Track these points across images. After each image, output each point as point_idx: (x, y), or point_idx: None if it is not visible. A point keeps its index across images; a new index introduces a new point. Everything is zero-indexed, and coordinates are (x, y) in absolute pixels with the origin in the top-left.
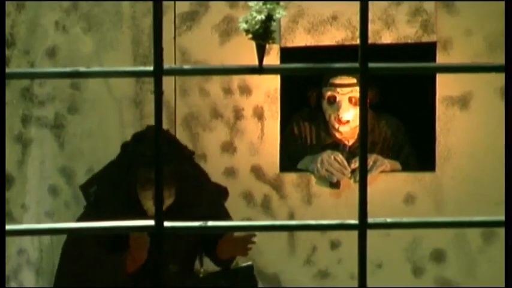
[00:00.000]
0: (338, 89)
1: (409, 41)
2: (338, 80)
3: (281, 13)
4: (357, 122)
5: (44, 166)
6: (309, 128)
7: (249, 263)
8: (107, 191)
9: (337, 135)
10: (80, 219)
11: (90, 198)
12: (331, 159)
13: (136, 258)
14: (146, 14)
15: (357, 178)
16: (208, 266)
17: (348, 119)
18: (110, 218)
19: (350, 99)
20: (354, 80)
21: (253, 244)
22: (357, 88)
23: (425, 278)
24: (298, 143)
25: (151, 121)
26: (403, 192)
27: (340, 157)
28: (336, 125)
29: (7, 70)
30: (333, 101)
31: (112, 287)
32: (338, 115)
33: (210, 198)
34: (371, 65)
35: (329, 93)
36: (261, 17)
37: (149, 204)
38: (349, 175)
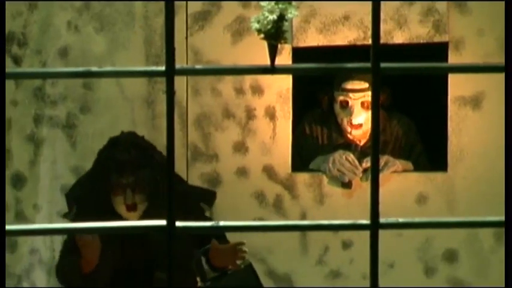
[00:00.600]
0: (350, 94)
1: (421, 41)
2: (350, 85)
3: (293, 13)
4: (369, 125)
5: (56, 166)
6: (321, 128)
7: (247, 262)
8: (85, 199)
9: (349, 137)
10: None
11: (70, 207)
12: (343, 159)
13: (88, 260)
14: (158, 14)
15: (368, 178)
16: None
17: (360, 122)
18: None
19: (362, 104)
20: (366, 85)
21: (244, 253)
22: (369, 93)
23: (437, 278)
24: (309, 143)
25: (163, 121)
26: (415, 192)
27: (351, 157)
28: (349, 129)
29: (20, 69)
30: (345, 105)
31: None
32: (350, 120)
33: (186, 201)
34: (383, 65)
35: (341, 98)
36: (273, 17)
37: (121, 210)
38: (361, 175)
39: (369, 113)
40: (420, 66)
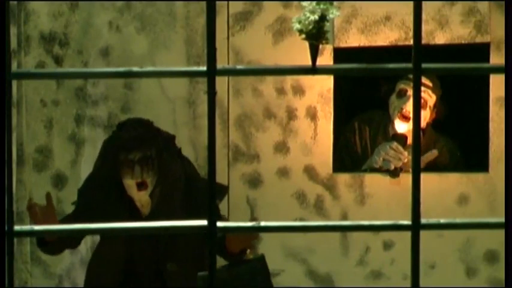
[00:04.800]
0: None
1: (463, 42)
2: None
3: (334, 13)
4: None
5: None
6: (369, 131)
7: (261, 254)
8: (94, 186)
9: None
10: (64, 218)
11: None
12: (387, 148)
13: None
14: (200, 14)
15: (399, 174)
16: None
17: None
18: (95, 212)
19: None
20: (431, 84)
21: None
22: (429, 91)
23: (478, 279)
24: (354, 146)
25: (204, 121)
26: (456, 192)
27: (395, 145)
28: (398, 121)
29: (61, 69)
30: (403, 94)
31: None
32: (402, 108)
33: (200, 195)
34: (424, 65)
35: (402, 86)
36: (315, 17)
37: (132, 191)
38: (406, 160)
39: (423, 112)
40: (461, 66)
